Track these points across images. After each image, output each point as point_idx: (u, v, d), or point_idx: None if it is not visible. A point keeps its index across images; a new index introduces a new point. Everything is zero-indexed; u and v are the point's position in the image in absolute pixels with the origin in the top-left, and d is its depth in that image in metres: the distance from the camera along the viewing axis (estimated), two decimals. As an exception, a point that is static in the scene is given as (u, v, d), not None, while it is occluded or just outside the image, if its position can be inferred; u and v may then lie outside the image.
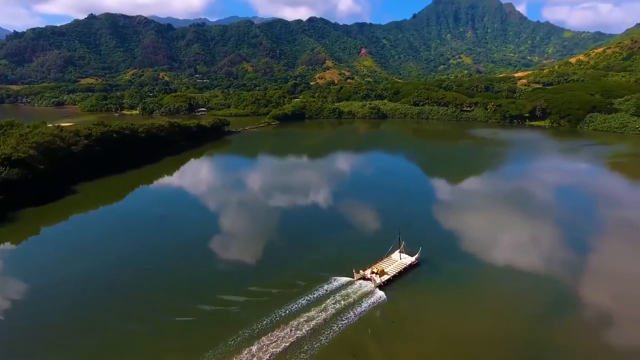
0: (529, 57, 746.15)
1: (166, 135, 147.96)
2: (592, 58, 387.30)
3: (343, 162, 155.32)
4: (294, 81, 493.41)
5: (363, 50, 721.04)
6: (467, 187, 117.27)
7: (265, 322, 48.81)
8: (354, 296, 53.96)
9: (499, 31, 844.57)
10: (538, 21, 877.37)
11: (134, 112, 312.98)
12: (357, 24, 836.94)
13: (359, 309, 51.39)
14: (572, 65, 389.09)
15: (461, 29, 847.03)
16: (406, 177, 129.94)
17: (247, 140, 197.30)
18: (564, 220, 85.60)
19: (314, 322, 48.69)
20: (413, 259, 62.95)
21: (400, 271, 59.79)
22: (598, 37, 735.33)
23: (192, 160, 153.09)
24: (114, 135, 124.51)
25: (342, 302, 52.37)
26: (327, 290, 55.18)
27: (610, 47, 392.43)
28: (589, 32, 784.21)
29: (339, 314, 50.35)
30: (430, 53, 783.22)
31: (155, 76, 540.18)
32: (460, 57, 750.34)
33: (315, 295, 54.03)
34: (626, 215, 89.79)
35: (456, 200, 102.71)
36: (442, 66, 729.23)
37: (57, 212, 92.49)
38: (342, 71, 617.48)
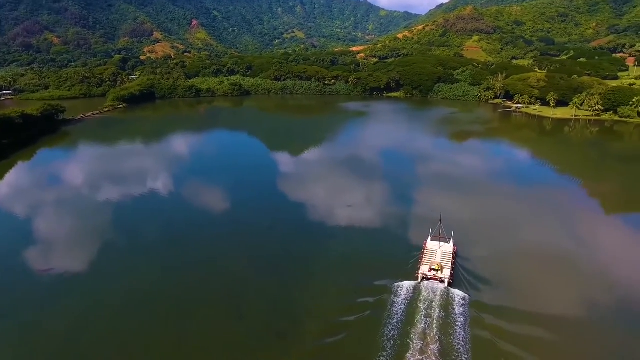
0: (353, 33, 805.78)
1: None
2: (415, 34, 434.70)
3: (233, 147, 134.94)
4: (120, 55, 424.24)
5: (194, 22, 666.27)
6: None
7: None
8: (439, 303, 44.87)
9: (325, 7, 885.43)
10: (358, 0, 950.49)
11: None
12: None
13: (461, 318, 42.18)
14: (400, 41, 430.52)
15: (291, 4, 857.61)
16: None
17: (94, 130, 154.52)
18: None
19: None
20: (451, 245, 57.13)
21: (453, 262, 53.93)
22: (407, 16, 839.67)
23: (25, 163, 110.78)
24: None
25: (433, 314, 42.77)
26: (405, 302, 44.82)
27: (428, 25, 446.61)
28: (399, 12, 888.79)
29: (444, 331, 40.24)
30: (264, 27, 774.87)
31: None
32: (293, 32, 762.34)
33: (396, 312, 43.04)
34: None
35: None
36: (277, 40, 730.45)
37: None
38: (175, 44, 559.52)
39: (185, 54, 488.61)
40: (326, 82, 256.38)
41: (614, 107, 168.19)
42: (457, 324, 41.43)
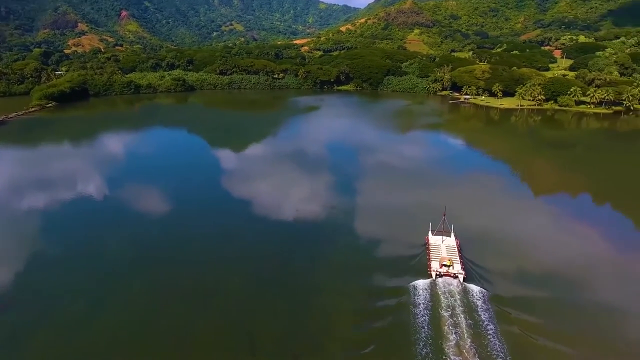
0: (294, 26, 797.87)
1: None
2: (358, 27, 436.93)
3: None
4: (40, 49, 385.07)
5: (124, 13, 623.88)
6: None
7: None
8: (462, 308, 42.50)
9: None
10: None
11: None
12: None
13: (491, 326, 39.74)
14: (344, 34, 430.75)
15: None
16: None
17: (21, 132, 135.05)
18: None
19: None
20: (453, 238, 55.90)
21: (460, 255, 52.49)
22: (346, 9, 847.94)
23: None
24: None
25: (461, 322, 39.92)
26: (427, 312, 41.90)
27: (370, 18, 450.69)
28: (338, 5, 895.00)
29: (479, 342, 37.52)
30: (200, 19, 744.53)
31: None
32: (232, 24, 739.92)
33: (421, 324, 39.99)
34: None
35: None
36: (215, 33, 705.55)
37: None
38: (104, 37, 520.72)
39: (117, 47, 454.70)
40: (275, 76, 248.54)
41: (554, 97, 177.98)
42: (489, 331, 39.25)
